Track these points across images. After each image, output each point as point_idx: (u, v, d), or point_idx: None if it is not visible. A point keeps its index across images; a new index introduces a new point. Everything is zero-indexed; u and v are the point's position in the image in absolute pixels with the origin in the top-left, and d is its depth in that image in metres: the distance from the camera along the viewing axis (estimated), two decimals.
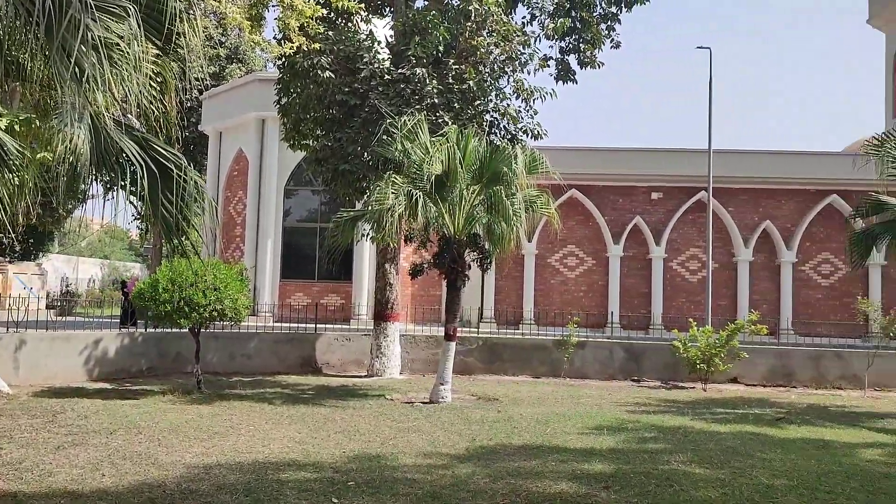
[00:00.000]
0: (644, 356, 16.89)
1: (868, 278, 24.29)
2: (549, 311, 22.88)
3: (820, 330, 22.57)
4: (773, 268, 24.90)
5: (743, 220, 24.81)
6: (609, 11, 16.48)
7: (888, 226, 13.24)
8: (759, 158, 24.97)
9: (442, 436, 9.44)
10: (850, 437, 10.31)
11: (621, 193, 25.38)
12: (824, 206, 24.38)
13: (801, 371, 16.39)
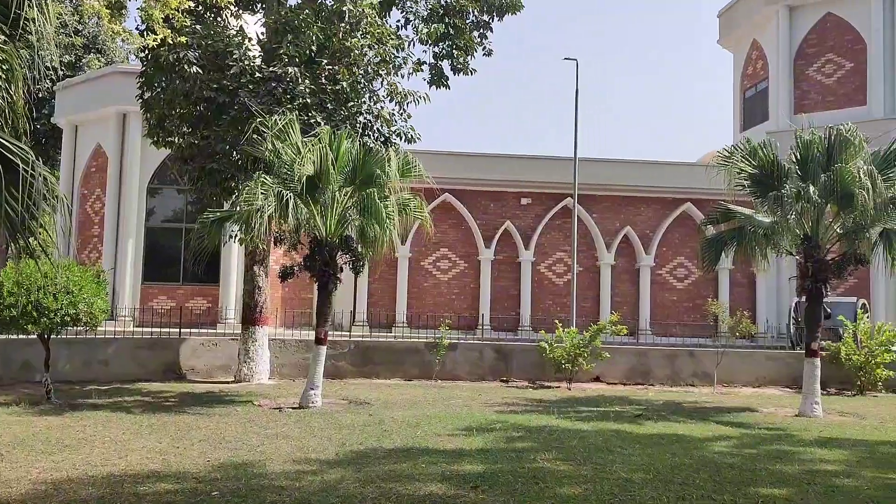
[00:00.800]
0: (513, 357, 17.31)
1: (718, 282, 26.01)
2: (423, 314, 23.07)
3: (675, 330, 23.96)
4: (633, 271, 26.19)
5: (606, 226, 25.95)
6: (481, 19, 16.80)
7: (735, 233, 14.20)
8: (621, 167, 26.21)
9: (312, 441, 9.29)
10: (701, 431, 10.98)
11: (493, 198, 25.93)
12: (679, 214, 25.89)
13: (658, 369, 17.31)
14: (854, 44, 26.37)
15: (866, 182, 12.12)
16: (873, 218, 12.87)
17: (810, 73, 27.25)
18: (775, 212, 13.24)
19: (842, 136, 12.93)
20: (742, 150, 13.80)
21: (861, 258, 13.31)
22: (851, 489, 7.62)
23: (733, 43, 31.53)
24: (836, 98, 26.62)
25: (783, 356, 17.92)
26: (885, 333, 16.36)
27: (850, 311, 18.82)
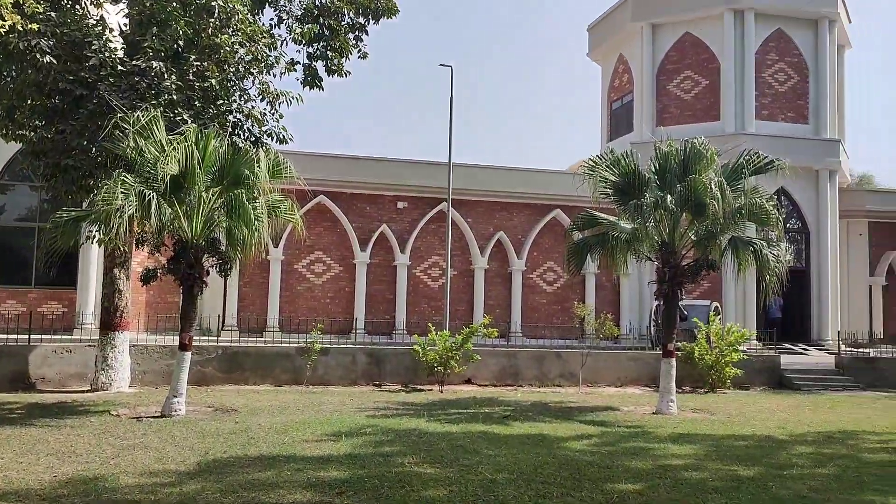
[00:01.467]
0: (386, 360, 17.30)
1: (585, 285, 27.05)
2: (296, 318, 22.68)
3: (545, 332, 24.72)
4: (505, 275, 26.80)
5: (480, 231, 26.44)
6: (357, 22, 16.70)
7: (599, 238, 14.80)
8: (495, 173, 26.78)
9: (172, 451, 8.92)
10: (565, 430, 11.37)
11: (369, 201, 25.85)
12: (550, 220, 26.73)
13: (527, 370, 17.78)
14: (709, 62, 28.12)
15: (717, 193, 12.94)
16: (723, 226, 13.78)
17: (671, 88, 28.84)
18: (636, 219, 13.88)
19: (695, 149, 13.77)
20: (606, 159, 14.43)
21: (712, 263, 14.18)
22: (697, 481, 8.10)
23: (601, 56, 32.93)
24: (694, 112, 28.30)
25: (644, 356, 18.83)
26: (734, 334, 17.52)
27: (704, 314, 20.02)
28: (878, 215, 29.68)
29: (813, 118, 28.15)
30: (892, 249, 29.46)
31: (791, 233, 28.30)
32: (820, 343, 26.23)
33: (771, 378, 18.79)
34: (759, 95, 27.66)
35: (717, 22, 27.82)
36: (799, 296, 27.57)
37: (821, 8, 27.96)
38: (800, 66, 28.33)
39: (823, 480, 8.38)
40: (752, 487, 7.89)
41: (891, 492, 7.87)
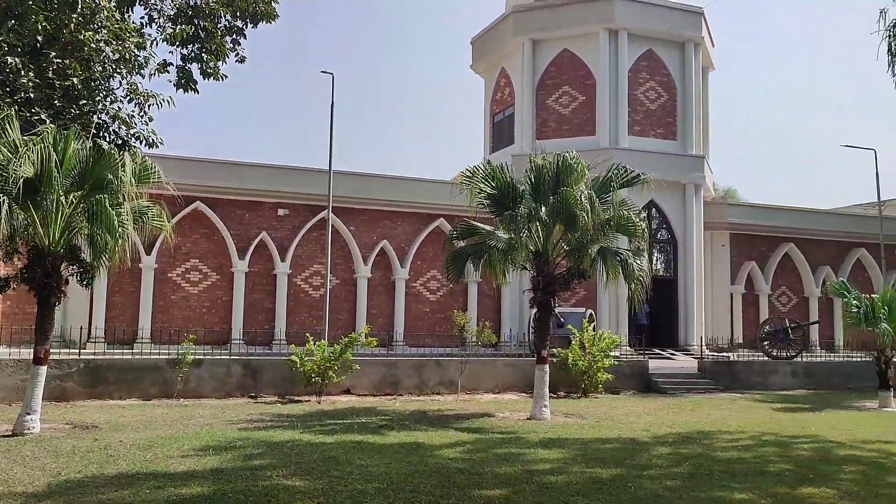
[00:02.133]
0: (263, 372, 16.90)
1: (467, 293, 27.45)
2: (169, 329, 21.80)
3: (427, 341, 24.84)
4: (388, 284, 26.81)
5: (363, 239, 26.35)
6: (234, 25, 16.29)
7: (477, 248, 15.06)
8: (379, 182, 26.79)
9: (20, 472, 8.36)
10: (440, 438, 11.45)
11: (248, 208, 25.28)
12: (433, 229, 26.96)
13: (406, 379, 17.82)
14: (586, 79, 29.24)
15: (586, 205, 13.43)
16: (593, 237, 14.31)
17: (550, 102, 29.77)
18: (511, 229, 14.20)
19: (567, 162, 14.25)
20: (482, 171, 14.69)
21: (583, 272, 14.69)
22: (563, 484, 8.34)
23: (484, 69, 33.60)
24: (571, 127, 29.32)
25: (521, 363, 19.25)
26: (605, 340, 18.21)
27: (580, 321, 20.70)
28: (738, 228, 31.65)
29: (680, 135, 29.77)
30: (750, 260, 31.49)
31: (661, 243, 29.81)
32: (686, 348, 27.66)
33: (640, 382, 19.64)
34: (631, 112, 28.98)
35: (594, 40, 28.97)
36: (668, 303, 29.05)
37: (687, 32, 29.63)
38: (669, 85, 29.91)
39: (678, 479, 8.83)
40: (613, 488, 8.21)
41: (737, 487, 8.40)
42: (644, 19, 29.08)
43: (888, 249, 31.85)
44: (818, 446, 11.57)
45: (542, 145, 25.43)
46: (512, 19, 30.32)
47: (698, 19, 29.98)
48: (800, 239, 32.21)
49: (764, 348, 23.18)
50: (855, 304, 18.13)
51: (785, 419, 14.74)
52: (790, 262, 32.40)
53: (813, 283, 32.02)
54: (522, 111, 29.89)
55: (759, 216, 32.40)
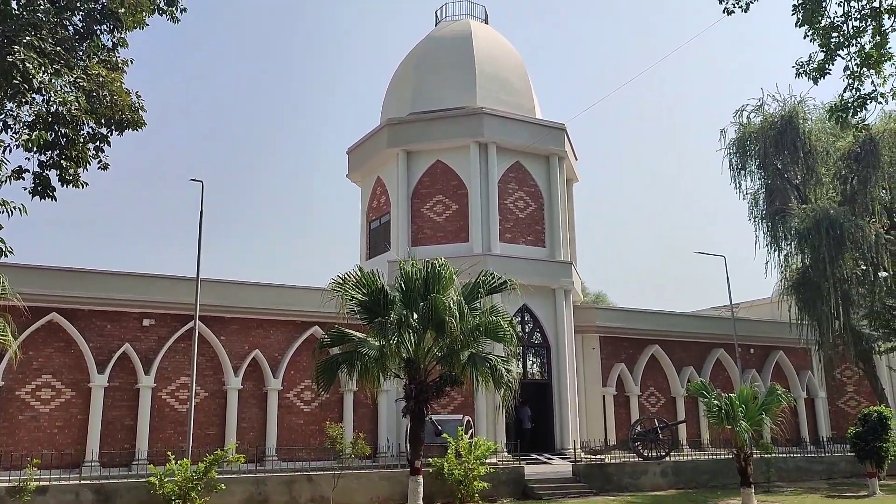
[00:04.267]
0: (117, 497, 15.65)
1: (343, 403, 26.79)
2: (14, 453, 19.94)
3: (301, 454, 23.83)
4: (261, 395, 25.81)
5: (234, 349, 25.44)
6: (98, 132, 15.92)
7: (349, 355, 14.86)
8: (250, 290, 26.18)
9: None
10: None
11: (110, 319, 24.00)
12: (307, 337, 26.39)
13: (276, 496, 16.95)
14: (458, 188, 30.25)
15: (455, 311, 13.65)
16: (463, 343, 14.47)
17: (424, 210, 30.48)
18: (382, 336, 14.16)
19: (436, 269, 14.53)
20: (354, 277, 14.72)
21: (455, 379, 14.76)
22: None
23: (360, 178, 34.18)
24: (446, 234, 30.02)
25: (397, 475, 18.75)
26: (480, 448, 18.12)
27: (457, 428, 20.56)
28: (606, 330, 32.85)
29: (549, 242, 31.04)
30: (620, 361, 32.60)
31: (535, 347, 30.44)
32: (563, 451, 27.88)
33: (516, 489, 19.52)
34: (502, 220, 30.06)
35: (465, 152, 30.20)
36: (544, 406, 29.42)
37: (551, 146, 31.45)
38: (536, 195, 31.38)
39: None
40: None
41: None
42: (510, 133, 30.68)
43: (742, 349, 33.86)
44: None
45: (417, 252, 25.92)
46: (387, 131, 31.24)
47: (561, 135, 31.93)
48: (664, 340, 33.75)
49: (636, 449, 23.72)
50: (714, 404, 18.97)
51: None
52: (657, 363, 33.76)
53: (678, 383, 33.38)
54: (398, 219, 30.40)
55: (625, 319, 33.84)
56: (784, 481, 23.12)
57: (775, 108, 31.34)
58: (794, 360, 36.72)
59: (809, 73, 11.30)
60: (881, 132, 29.18)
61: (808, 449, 30.04)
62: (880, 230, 29.02)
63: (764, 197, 31.70)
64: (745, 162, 31.86)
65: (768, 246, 31.21)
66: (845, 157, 29.85)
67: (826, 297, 28.08)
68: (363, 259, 32.84)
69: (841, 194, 30.00)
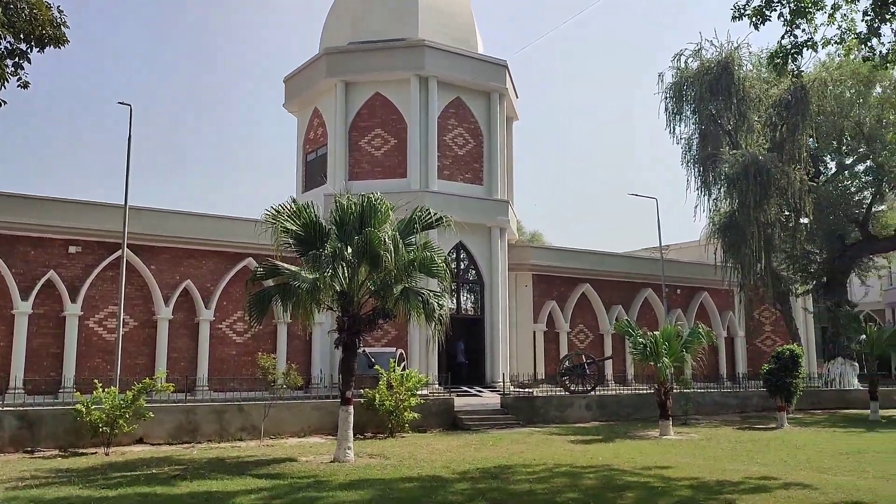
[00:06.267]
0: (42, 423, 15.42)
1: (277, 335, 26.76)
2: None
3: (234, 385, 23.86)
4: (192, 326, 25.55)
5: (164, 279, 24.99)
6: (17, 48, 15.08)
7: (282, 288, 14.76)
8: (183, 219, 25.62)
9: None
10: (236, 486, 10.99)
11: (34, 245, 23.22)
12: (241, 268, 26.07)
13: (206, 426, 16.98)
14: (397, 123, 29.89)
15: (390, 246, 13.64)
16: (397, 277, 14.52)
17: (362, 144, 30.08)
18: (317, 269, 14.08)
19: (371, 204, 14.44)
20: (287, 210, 14.53)
21: (388, 312, 14.85)
22: None
23: (297, 108, 33.42)
24: (384, 169, 29.77)
25: (328, 405, 18.93)
26: (412, 380, 18.43)
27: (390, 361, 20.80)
28: (540, 269, 33.46)
29: (487, 180, 31.12)
30: (551, 299, 33.34)
31: (469, 284, 30.81)
32: (493, 385, 28.57)
33: (446, 420, 20.01)
34: (441, 156, 29.93)
35: (405, 85, 29.75)
36: (477, 341, 30.00)
37: (492, 83, 31.24)
38: (476, 132, 31.28)
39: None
40: None
41: None
42: (452, 68, 30.30)
43: (669, 290, 34.99)
44: (604, 475, 12.34)
45: (354, 186, 25.67)
46: (325, 60, 30.48)
47: (502, 71, 31.71)
48: (595, 280, 34.59)
49: (563, 383, 24.48)
50: (640, 342, 19.67)
51: (578, 451, 15.59)
52: (587, 301, 34.64)
53: (607, 321, 34.39)
54: (335, 152, 29.95)
55: (558, 258, 34.49)
56: (701, 414, 24.28)
57: (712, 53, 31.72)
58: (718, 301, 38.19)
59: (748, 16, 11.41)
60: (811, 81, 29.93)
61: (725, 385, 31.57)
62: (804, 177, 30.05)
63: (697, 142, 32.34)
64: (680, 107, 32.28)
65: (699, 190, 32.03)
66: (776, 105, 30.58)
67: (750, 240, 29.11)
68: (299, 192, 32.37)
69: (770, 141, 30.83)
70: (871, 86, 30.39)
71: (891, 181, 31.65)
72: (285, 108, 33.83)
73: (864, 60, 12.31)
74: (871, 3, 10.86)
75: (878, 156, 31.05)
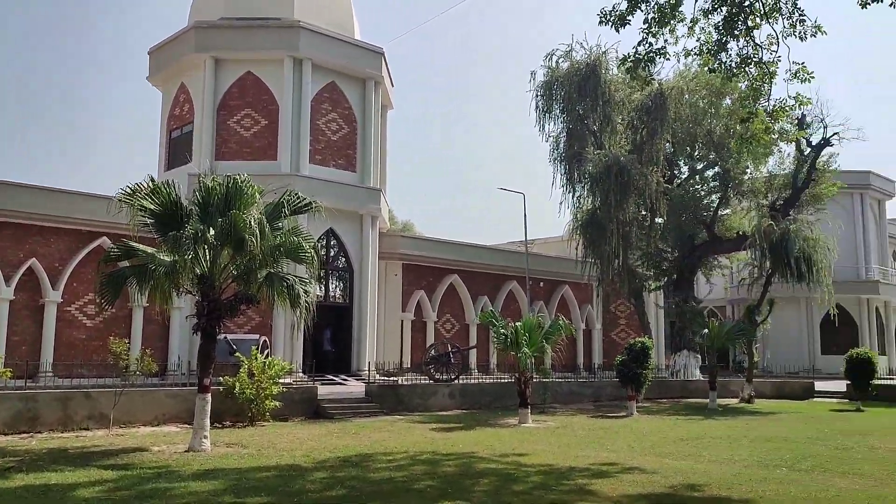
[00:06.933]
0: None
1: (132, 318, 25.48)
2: None
3: (82, 371, 22.46)
4: (37, 307, 23.90)
5: (5, 256, 23.23)
6: None
7: (138, 270, 14.02)
8: (27, 192, 23.88)
9: None
10: (78, 478, 10.36)
11: None
12: (94, 248, 24.63)
13: (48, 414, 15.89)
14: (269, 103, 29.12)
15: (256, 229, 13.26)
16: (262, 262, 14.14)
17: (231, 123, 29.09)
18: (176, 251, 13.48)
19: (237, 185, 13.97)
20: (145, 188, 13.82)
21: (251, 298, 14.44)
22: None
23: (162, 82, 31.88)
24: (253, 150, 28.92)
25: (185, 393, 18.22)
26: (274, 368, 18.04)
27: (252, 348, 20.27)
28: (410, 258, 33.65)
29: (360, 167, 30.92)
30: (420, 289, 33.61)
31: (338, 271, 30.56)
32: (359, 373, 28.51)
33: (309, 408, 19.73)
34: (313, 141, 29.43)
35: (278, 66, 29.01)
36: (344, 330, 29.81)
37: (368, 70, 31.02)
38: (350, 118, 30.98)
39: (330, 502, 8.97)
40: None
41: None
42: (327, 52, 29.84)
43: (533, 282, 36.11)
44: (463, 462, 12.56)
45: (220, 166, 24.80)
46: (194, 34, 29.21)
47: (379, 59, 31.54)
48: (463, 271, 35.17)
49: (428, 371, 24.75)
50: (502, 332, 20.16)
51: (439, 438, 15.80)
52: (455, 291, 35.19)
53: (473, 311, 35.08)
54: (202, 130, 28.79)
55: (428, 248, 34.80)
56: (558, 403, 25.23)
57: (582, 55, 32.85)
58: (578, 294, 39.80)
59: (612, 21, 11.88)
60: (670, 89, 31.64)
61: (582, 375, 32.96)
62: (660, 179, 31.77)
63: (565, 140, 33.44)
64: (550, 105, 33.25)
65: (564, 187, 33.16)
66: (638, 109, 32.10)
67: (610, 237, 30.47)
68: (162, 170, 30.93)
69: (631, 143, 32.35)
70: (722, 97, 32.46)
71: (735, 187, 34.04)
72: (150, 81, 32.20)
73: (710, 72, 13.08)
74: (721, 18, 11.58)
75: (726, 163, 33.33)
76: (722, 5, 11.67)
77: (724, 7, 11.62)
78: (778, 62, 11.96)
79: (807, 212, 33.15)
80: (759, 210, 32.71)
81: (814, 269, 29.97)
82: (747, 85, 12.73)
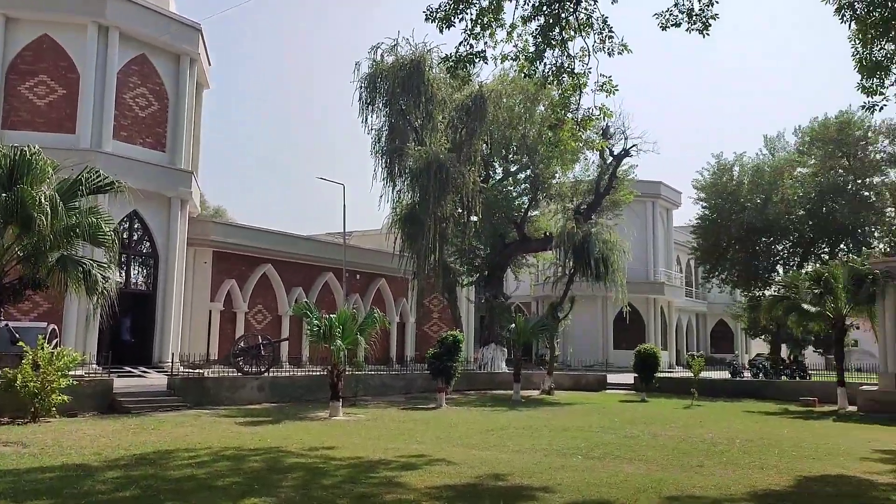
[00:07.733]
0: None
1: None
2: None
3: None
4: None
5: None
6: None
7: None
8: None
9: None
10: None
11: None
12: None
13: None
14: (68, 71, 26.73)
15: (46, 207, 12.13)
16: (53, 243, 12.97)
17: (22, 90, 26.40)
18: None
19: (25, 158, 12.70)
20: None
21: (39, 282, 13.22)
22: None
23: None
24: (47, 121, 26.43)
25: None
26: (64, 359, 16.58)
27: (38, 337, 18.53)
28: (221, 245, 32.30)
29: (170, 148, 29.20)
30: (231, 277, 32.38)
31: (142, 256, 28.71)
32: (161, 365, 26.96)
33: (103, 403, 18.38)
34: (118, 116, 27.41)
35: (81, 32, 26.71)
36: (147, 319, 28.05)
37: (183, 45, 29.37)
38: (161, 95, 29.17)
39: (121, 503, 8.38)
40: None
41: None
42: (139, 22, 27.89)
43: (350, 275, 35.98)
44: (270, 457, 12.21)
45: (9, 136, 22.48)
46: None
47: (196, 35, 29.96)
48: (277, 260, 34.31)
49: (237, 364, 23.87)
50: (315, 324, 19.87)
51: (246, 433, 15.28)
52: (268, 281, 34.24)
53: (286, 303, 34.33)
54: None
55: (241, 236, 33.60)
56: (370, 395, 25.30)
57: (408, 51, 33.11)
58: (394, 288, 40.16)
59: (437, 19, 12.01)
60: (490, 92, 32.72)
61: (394, 367, 33.30)
62: (477, 179, 32.78)
63: (386, 134, 33.56)
64: (374, 98, 33.21)
65: (385, 181, 33.27)
66: (459, 109, 32.89)
67: (427, 232, 30.98)
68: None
69: (451, 142, 33.08)
70: (537, 103, 34.05)
71: (545, 190, 35.87)
72: None
73: (523, 77, 13.61)
74: (538, 26, 12.08)
75: (536, 167, 35.02)
76: (539, 15, 12.16)
77: (541, 16, 12.11)
78: (588, 74, 12.66)
79: (606, 216, 35.55)
80: (565, 213, 34.64)
81: (611, 269, 32.21)
82: (559, 93, 13.36)
